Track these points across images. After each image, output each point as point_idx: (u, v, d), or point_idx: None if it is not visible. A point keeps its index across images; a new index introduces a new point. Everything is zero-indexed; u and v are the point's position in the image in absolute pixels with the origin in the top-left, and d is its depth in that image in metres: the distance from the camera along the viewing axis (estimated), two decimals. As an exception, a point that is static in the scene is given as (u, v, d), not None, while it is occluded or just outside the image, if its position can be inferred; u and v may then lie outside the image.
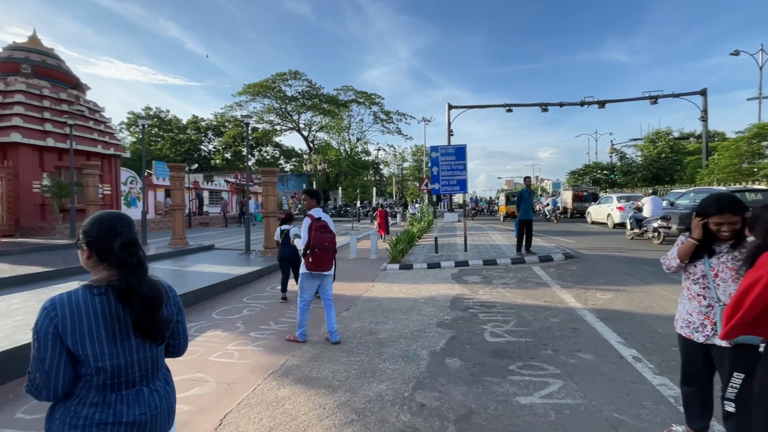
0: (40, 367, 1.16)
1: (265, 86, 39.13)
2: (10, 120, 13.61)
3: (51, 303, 1.20)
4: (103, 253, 1.26)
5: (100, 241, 1.26)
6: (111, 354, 1.22)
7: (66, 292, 1.23)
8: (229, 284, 7.00)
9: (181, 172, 11.26)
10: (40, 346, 1.16)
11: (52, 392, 1.18)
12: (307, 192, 4.62)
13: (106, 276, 1.26)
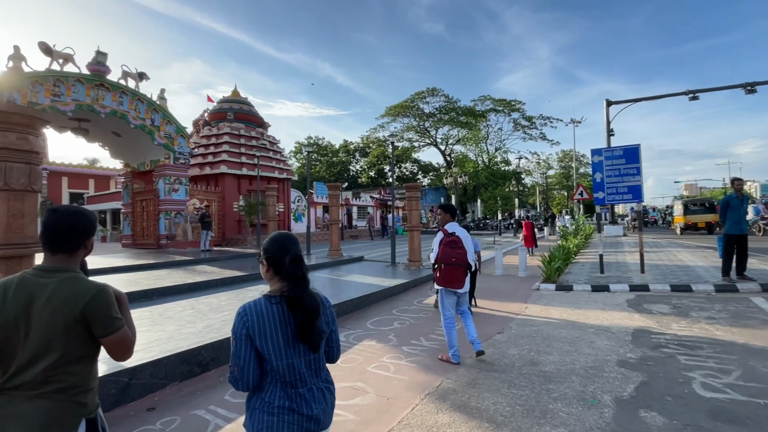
0: (237, 362, 1.42)
1: (405, 106, 41.39)
2: (220, 156, 17.72)
3: (243, 309, 1.46)
4: (277, 267, 1.51)
5: (275, 257, 1.51)
6: (286, 354, 1.44)
7: (252, 300, 1.49)
8: (380, 295, 7.34)
9: (337, 190, 12.63)
10: (237, 345, 1.43)
11: (247, 383, 1.43)
12: (442, 207, 4.54)
13: (279, 287, 1.50)
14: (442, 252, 4.13)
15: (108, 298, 1.47)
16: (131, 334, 1.53)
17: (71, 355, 1.42)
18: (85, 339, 1.45)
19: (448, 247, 4.10)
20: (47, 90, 11.88)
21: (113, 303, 1.49)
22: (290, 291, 1.47)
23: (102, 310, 1.44)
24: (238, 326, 1.44)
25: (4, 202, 3.33)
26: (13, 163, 3.35)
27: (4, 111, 3.29)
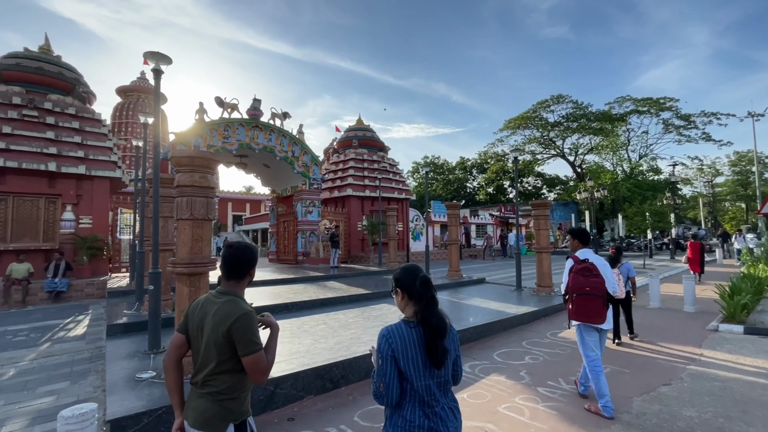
0: (383, 379, 1.56)
1: (525, 118, 38.97)
2: (346, 180, 19.32)
3: (387, 331, 1.62)
4: (410, 292, 1.66)
5: (407, 283, 1.67)
6: (424, 375, 1.57)
7: (393, 324, 1.65)
8: (506, 323, 6.78)
9: (456, 209, 12.39)
10: (383, 364, 1.57)
11: (391, 399, 1.57)
12: (572, 232, 4.07)
13: (413, 312, 1.65)
14: (573, 280, 3.66)
15: (248, 322, 1.69)
16: (266, 361, 1.71)
17: (222, 366, 1.70)
18: (232, 354, 1.69)
19: (579, 275, 3.62)
20: (219, 134, 14.77)
21: (252, 328, 1.71)
22: (422, 311, 1.62)
23: (242, 331, 1.67)
24: (384, 347, 1.59)
25: (190, 229, 4.13)
26: (196, 197, 4.16)
27: (190, 155, 4.14)
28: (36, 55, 12.56)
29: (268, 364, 1.73)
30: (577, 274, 3.65)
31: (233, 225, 42.34)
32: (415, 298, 1.65)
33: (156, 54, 5.08)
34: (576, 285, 3.62)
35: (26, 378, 4.85)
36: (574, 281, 3.65)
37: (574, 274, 3.68)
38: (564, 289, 3.79)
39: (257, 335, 1.72)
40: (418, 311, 1.63)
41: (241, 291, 1.84)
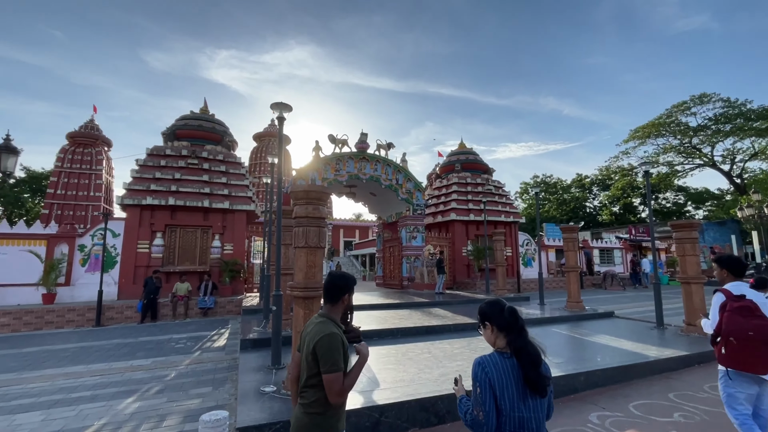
0: (483, 408, 1.60)
1: (658, 125, 33.62)
2: (450, 205, 19.17)
3: (483, 360, 1.67)
4: (499, 324, 1.72)
5: (495, 315, 1.74)
6: (518, 407, 1.59)
7: (487, 354, 1.71)
8: (645, 369, 5.70)
9: (574, 232, 11.16)
10: (483, 392, 1.61)
11: (490, 428, 1.59)
12: (720, 260, 3.29)
13: (505, 343, 1.70)
14: (728, 321, 2.95)
15: (329, 342, 1.84)
16: (341, 383, 1.82)
17: (310, 380, 1.87)
18: (318, 370, 1.85)
19: (737, 315, 2.92)
20: (332, 167, 16.22)
21: (334, 348, 1.84)
22: (514, 341, 1.67)
23: (324, 350, 1.83)
24: (481, 375, 1.63)
25: (305, 256, 4.56)
26: (310, 227, 4.59)
27: (305, 190, 4.62)
28: (197, 116, 15.81)
29: (344, 387, 1.83)
30: (734, 313, 2.94)
31: (344, 250, 45.41)
32: (505, 329, 1.71)
33: (279, 104, 5.90)
34: (733, 327, 2.91)
35: (182, 380, 5.82)
36: (731, 322, 2.94)
37: (730, 313, 2.97)
38: (712, 329, 3.11)
39: (337, 356, 1.83)
40: (510, 342, 1.69)
41: (335, 314, 2.06)
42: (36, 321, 10.62)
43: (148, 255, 13.27)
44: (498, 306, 1.77)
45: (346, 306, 2.12)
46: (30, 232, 12.20)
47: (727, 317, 2.96)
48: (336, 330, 1.93)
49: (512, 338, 1.69)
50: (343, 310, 2.13)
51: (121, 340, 8.88)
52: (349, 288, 2.11)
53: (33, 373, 6.34)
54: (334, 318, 2.04)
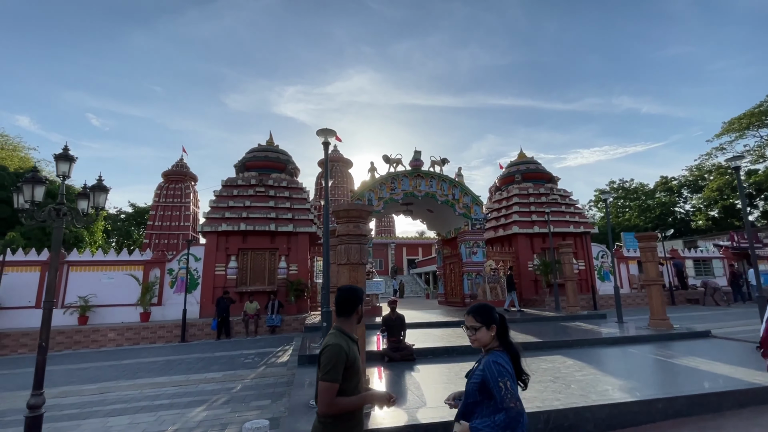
0: (518, 398, 1.84)
1: (759, 113, 29.12)
2: (511, 218, 18.35)
3: (498, 359, 1.91)
4: (498, 326, 2.00)
5: (495, 318, 2.00)
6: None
7: (495, 354, 1.94)
8: (744, 397, 4.85)
9: (652, 241, 9.99)
10: (512, 383, 1.85)
11: (524, 415, 1.86)
12: None
13: (497, 343, 1.99)
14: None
15: (330, 352, 1.93)
16: (332, 394, 1.87)
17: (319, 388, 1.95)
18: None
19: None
20: (387, 187, 16.54)
21: (334, 357, 1.93)
22: (507, 341, 1.99)
23: (324, 358, 1.93)
24: (509, 369, 1.87)
25: (347, 272, 4.71)
26: (352, 244, 4.75)
27: (346, 209, 4.81)
28: (263, 147, 17.28)
29: (335, 402, 1.87)
30: None
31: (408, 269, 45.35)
32: (499, 330, 1.98)
33: (324, 130, 6.29)
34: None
35: (246, 393, 6.22)
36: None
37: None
38: (760, 340, 3.14)
39: (335, 366, 1.88)
40: (503, 342, 1.98)
41: (348, 326, 2.13)
42: (134, 337, 12.14)
43: (224, 277, 14.55)
44: (496, 311, 2.04)
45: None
46: (130, 259, 14.12)
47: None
48: (343, 342, 1.98)
49: (505, 339, 1.98)
50: (357, 320, 2.18)
51: (200, 355, 9.76)
52: (360, 300, 2.18)
53: (127, 382, 7.23)
54: (347, 330, 2.10)
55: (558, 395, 4.73)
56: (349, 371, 1.95)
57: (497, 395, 1.81)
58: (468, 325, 2.03)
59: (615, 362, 6.63)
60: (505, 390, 1.79)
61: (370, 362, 6.96)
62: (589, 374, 5.77)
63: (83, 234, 19.57)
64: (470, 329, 2.02)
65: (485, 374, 1.88)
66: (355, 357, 2.00)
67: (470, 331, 2.01)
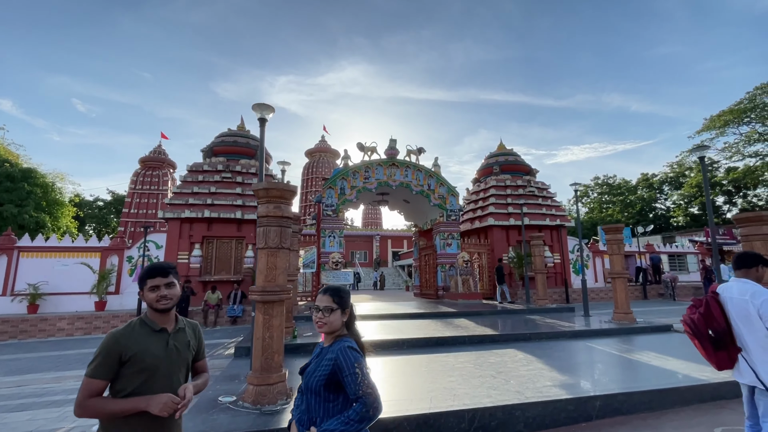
0: (372, 385, 1.62)
1: (738, 111, 29.22)
2: (487, 209, 18.07)
3: (354, 345, 1.74)
4: (351, 311, 1.84)
5: (348, 302, 1.83)
6: None
7: (346, 341, 1.73)
8: (690, 395, 4.60)
9: (618, 233, 9.76)
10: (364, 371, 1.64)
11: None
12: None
13: (345, 330, 1.81)
14: None
15: (102, 342, 1.57)
16: (83, 392, 1.50)
17: None
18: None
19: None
20: (361, 175, 16.07)
21: (99, 349, 1.56)
22: (355, 328, 1.85)
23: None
24: (359, 357, 1.67)
25: (265, 258, 4.29)
26: (271, 227, 4.32)
27: (265, 187, 4.38)
28: (233, 132, 16.63)
29: (84, 402, 1.49)
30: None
31: (393, 261, 45.12)
32: (349, 318, 1.82)
33: (260, 105, 5.79)
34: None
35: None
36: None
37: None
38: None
39: (96, 358, 1.55)
40: (352, 329, 1.81)
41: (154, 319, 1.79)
42: (86, 326, 11.57)
43: (188, 265, 14.00)
44: (349, 294, 1.84)
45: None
46: (87, 245, 13.47)
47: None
48: (127, 331, 1.60)
49: (352, 328, 1.81)
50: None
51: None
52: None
53: (52, 375, 6.74)
54: (152, 319, 1.71)
55: (492, 392, 4.41)
56: (129, 368, 1.54)
57: (351, 383, 1.58)
58: (322, 306, 1.75)
59: (567, 357, 6.36)
60: (361, 376, 1.59)
61: (304, 356, 6.59)
62: (535, 369, 5.48)
63: (45, 219, 18.72)
64: (324, 310, 1.74)
65: (338, 361, 1.63)
66: (144, 352, 1.58)
67: (323, 312, 1.73)
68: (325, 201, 15.50)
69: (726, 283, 2.83)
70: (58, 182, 24.44)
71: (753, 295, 2.53)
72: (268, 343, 4.14)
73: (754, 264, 2.74)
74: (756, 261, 2.75)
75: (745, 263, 2.76)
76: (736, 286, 2.70)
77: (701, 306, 2.80)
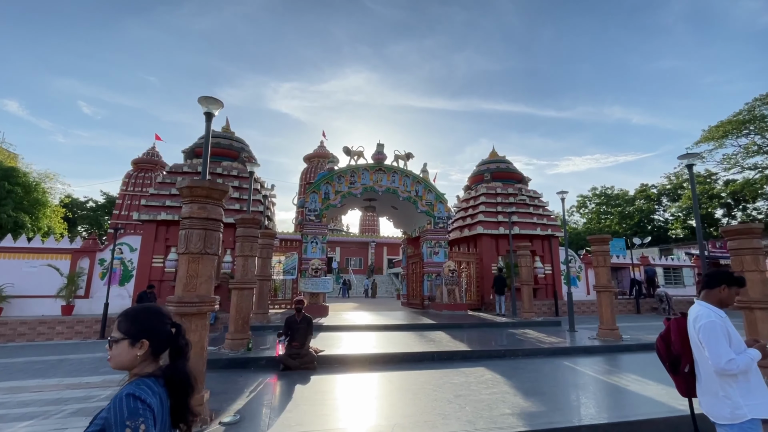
0: None
1: (737, 122, 28.80)
2: (477, 217, 17.60)
3: (145, 391, 1.25)
4: (159, 342, 1.39)
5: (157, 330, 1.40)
6: None
7: (147, 382, 1.28)
8: (665, 426, 4.08)
9: (604, 244, 9.27)
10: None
11: None
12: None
13: (155, 367, 1.37)
14: None
15: None
16: None
17: None
18: None
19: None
20: (346, 180, 15.65)
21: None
22: (175, 364, 1.39)
23: None
24: (153, 408, 1.22)
25: (185, 264, 3.83)
26: (194, 229, 3.87)
27: (189, 186, 3.94)
28: (216, 134, 16.23)
29: None
30: None
31: (387, 268, 44.54)
32: (161, 347, 1.37)
33: (207, 98, 5.36)
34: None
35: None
36: None
37: None
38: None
39: None
40: (170, 365, 1.36)
41: None
42: (48, 331, 11.06)
43: (162, 269, 13.51)
44: (162, 319, 1.39)
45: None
46: (58, 246, 13.00)
47: None
48: None
49: (176, 361, 1.37)
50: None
51: (103, 354, 8.76)
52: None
53: None
54: None
55: (440, 421, 3.91)
56: None
57: None
58: (110, 336, 1.35)
59: (539, 378, 5.84)
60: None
61: (264, 370, 6.08)
62: (499, 392, 4.96)
63: (25, 219, 18.28)
64: (110, 342, 1.34)
65: (109, 416, 1.18)
66: None
67: (109, 344, 1.35)
68: (308, 206, 15.06)
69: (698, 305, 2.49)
70: (46, 182, 24.06)
71: (695, 319, 2.32)
72: (183, 362, 3.64)
73: (717, 284, 2.40)
74: (719, 280, 2.39)
75: (708, 282, 2.46)
76: (693, 308, 2.44)
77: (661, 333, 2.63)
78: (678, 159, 7.60)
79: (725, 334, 2.22)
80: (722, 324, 2.24)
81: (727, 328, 2.26)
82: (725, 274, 2.48)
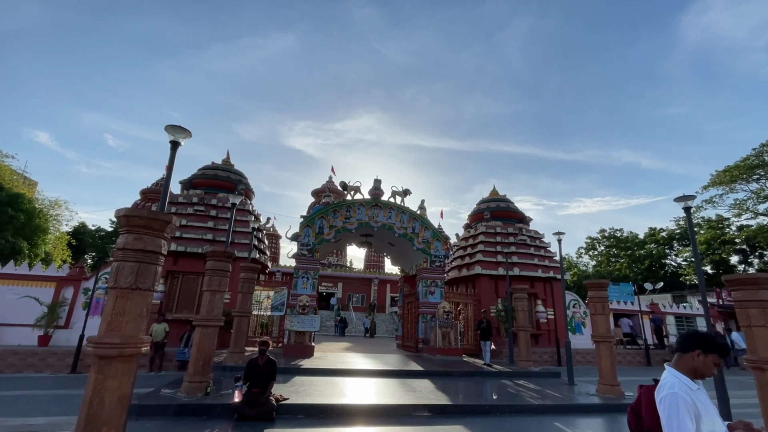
0: None
1: (745, 166, 28.37)
2: (475, 257, 17.06)
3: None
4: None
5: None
6: None
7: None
8: None
9: (603, 290, 8.68)
10: None
11: None
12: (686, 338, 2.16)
13: None
14: None
15: None
16: None
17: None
18: None
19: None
20: (341, 215, 15.43)
21: None
22: None
23: None
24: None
25: (112, 300, 3.50)
26: (126, 262, 3.57)
27: (126, 215, 3.69)
28: (215, 166, 16.40)
29: None
30: None
31: (390, 306, 43.27)
32: None
33: (173, 126, 5.26)
34: None
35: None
36: None
37: None
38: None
39: None
40: None
41: None
42: (18, 363, 10.59)
43: (147, 301, 13.12)
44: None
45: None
46: (43, 274, 12.80)
47: None
48: None
49: None
50: None
51: (66, 391, 8.26)
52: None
53: None
54: None
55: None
56: None
57: None
58: None
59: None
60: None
61: (218, 419, 5.53)
62: (470, 460, 4.34)
63: (23, 245, 18.29)
64: None
65: None
66: None
67: None
68: (302, 240, 14.77)
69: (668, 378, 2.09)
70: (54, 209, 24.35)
71: (659, 389, 1.98)
72: (95, 412, 3.21)
73: (690, 348, 1.98)
74: (693, 344, 1.97)
75: (681, 345, 2.06)
76: (663, 374, 2.08)
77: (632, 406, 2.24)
78: (675, 201, 7.20)
79: (689, 412, 1.78)
80: (688, 399, 1.81)
81: (695, 403, 1.82)
82: (702, 337, 2.05)
